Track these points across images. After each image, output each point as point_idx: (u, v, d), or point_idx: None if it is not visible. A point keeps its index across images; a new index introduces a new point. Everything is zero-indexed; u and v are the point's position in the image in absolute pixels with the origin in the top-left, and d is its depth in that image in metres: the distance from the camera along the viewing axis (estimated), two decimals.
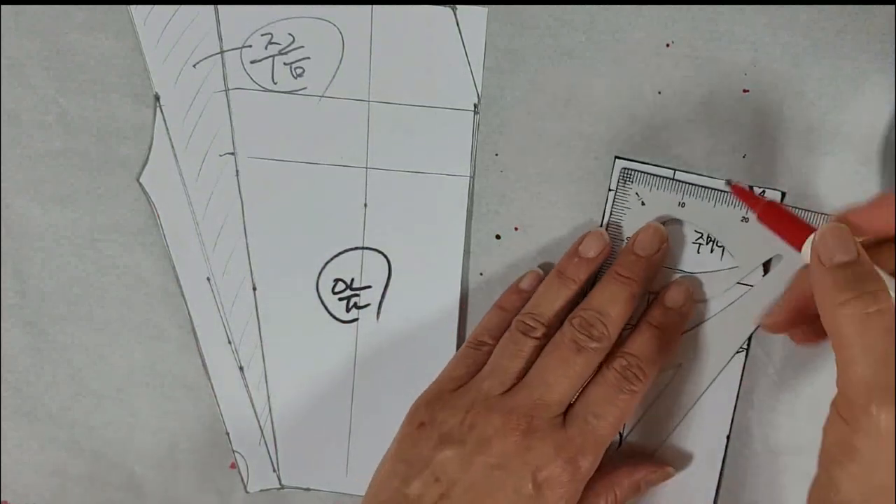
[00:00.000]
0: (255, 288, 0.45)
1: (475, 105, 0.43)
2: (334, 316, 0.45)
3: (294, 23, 0.43)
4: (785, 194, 0.42)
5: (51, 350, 0.47)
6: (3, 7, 0.44)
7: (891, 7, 0.40)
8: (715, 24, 0.41)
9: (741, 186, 0.40)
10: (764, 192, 0.41)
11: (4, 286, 0.46)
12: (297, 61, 0.43)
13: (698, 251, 0.42)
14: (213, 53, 0.44)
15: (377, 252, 0.45)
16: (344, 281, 0.45)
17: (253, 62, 0.44)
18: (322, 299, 0.45)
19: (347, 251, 0.45)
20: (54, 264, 0.46)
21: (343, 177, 0.44)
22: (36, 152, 0.45)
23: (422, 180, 0.44)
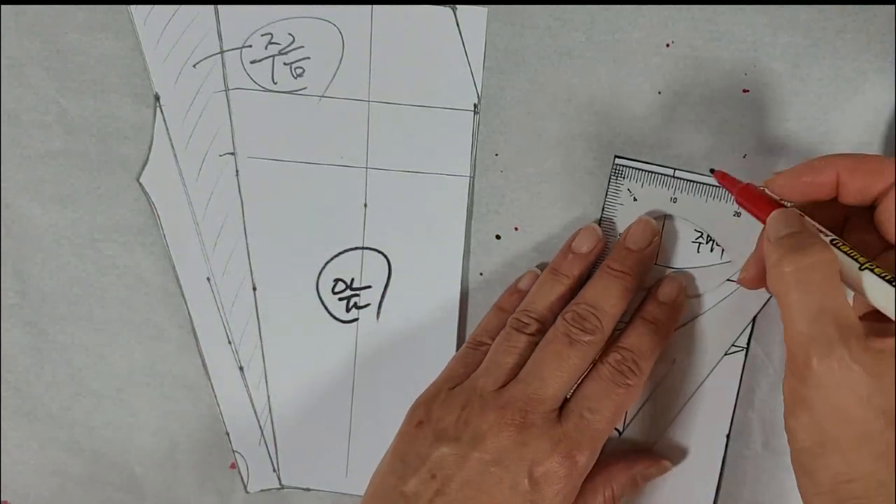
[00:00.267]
0: (255, 288, 0.45)
1: (475, 105, 0.43)
2: (334, 316, 0.45)
3: (294, 23, 0.43)
4: None
5: (51, 350, 0.47)
6: (3, 7, 0.44)
7: (891, 7, 0.40)
8: (715, 24, 0.41)
9: (722, 172, 0.40)
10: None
11: (4, 286, 0.46)
12: (297, 61, 0.43)
13: (698, 250, 0.42)
14: (213, 53, 0.44)
15: (377, 252, 0.45)
16: (344, 281, 0.45)
17: (253, 62, 0.44)
18: (322, 299, 0.45)
19: (347, 251, 0.45)
20: (54, 264, 0.46)
21: (343, 177, 0.44)
22: (36, 152, 0.45)
23: (422, 180, 0.44)
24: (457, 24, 0.42)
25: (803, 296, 0.33)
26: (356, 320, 0.45)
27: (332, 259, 0.45)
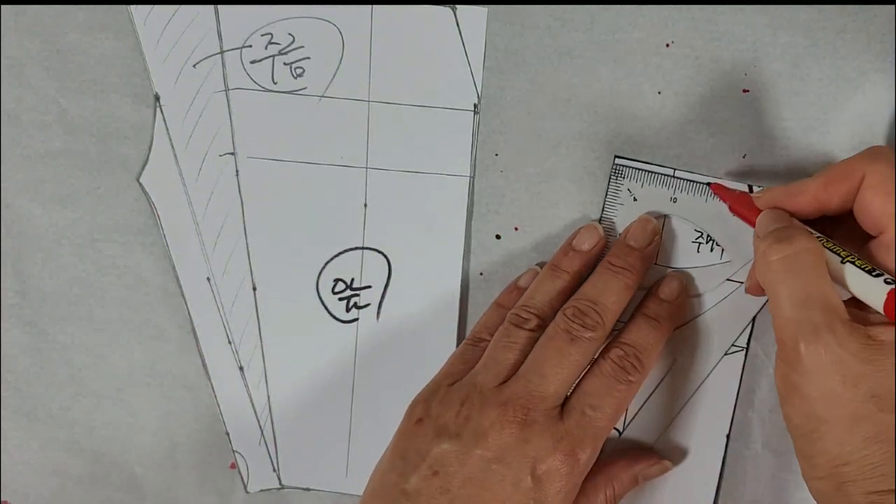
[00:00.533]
0: (255, 288, 0.45)
1: (475, 105, 0.43)
2: (334, 316, 0.45)
3: (294, 23, 0.43)
4: None
5: (51, 350, 0.47)
6: (3, 7, 0.44)
7: (891, 7, 0.40)
8: (715, 24, 0.41)
9: (717, 184, 0.41)
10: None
11: (4, 286, 0.46)
12: (297, 61, 0.43)
13: (698, 250, 0.42)
14: (213, 53, 0.44)
15: (377, 252, 0.45)
16: (344, 281, 0.45)
17: (253, 62, 0.44)
18: (322, 299, 0.45)
19: (347, 251, 0.45)
20: (54, 264, 0.46)
21: (343, 177, 0.44)
22: (36, 152, 0.45)
23: (422, 180, 0.44)
24: (457, 24, 0.42)
25: (790, 283, 0.34)
26: (356, 320, 0.45)
27: (332, 259, 0.45)
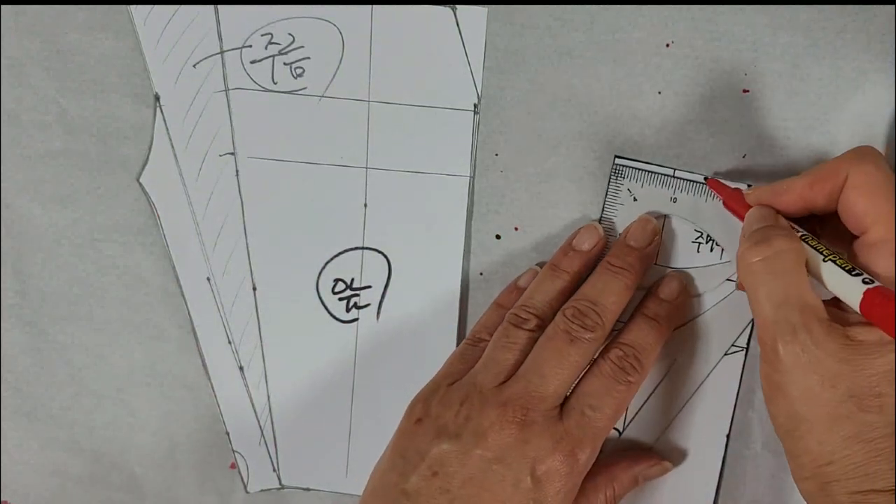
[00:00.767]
0: (255, 288, 0.45)
1: (475, 105, 0.43)
2: (334, 316, 0.45)
3: (294, 23, 0.43)
4: None
5: (51, 350, 0.47)
6: (3, 7, 0.44)
7: (891, 7, 0.40)
8: (715, 24, 0.41)
9: (713, 179, 0.41)
10: None
11: (4, 286, 0.46)
12: (297, 61, 0.43)
13: (698, 250, 0.42)
14: (213, 53, 0.44)
15: (377, 252, 0.45)
16: (344, 281, 0.45)
17: (253, 62, 0.44)
18: (322, 299, 0.45)
19: (347, 251, 0.45)
20: (54, 264, 0.46)
21: (343, 177, 0.44)
22: (36, 152, 0.45)
23: (422, 180, 0.44)
24: (457, 24, 0.42)
25: (769, 284, 0.34)
26: (356, 320, 0.45)
27: (332, 259, 0.45)
